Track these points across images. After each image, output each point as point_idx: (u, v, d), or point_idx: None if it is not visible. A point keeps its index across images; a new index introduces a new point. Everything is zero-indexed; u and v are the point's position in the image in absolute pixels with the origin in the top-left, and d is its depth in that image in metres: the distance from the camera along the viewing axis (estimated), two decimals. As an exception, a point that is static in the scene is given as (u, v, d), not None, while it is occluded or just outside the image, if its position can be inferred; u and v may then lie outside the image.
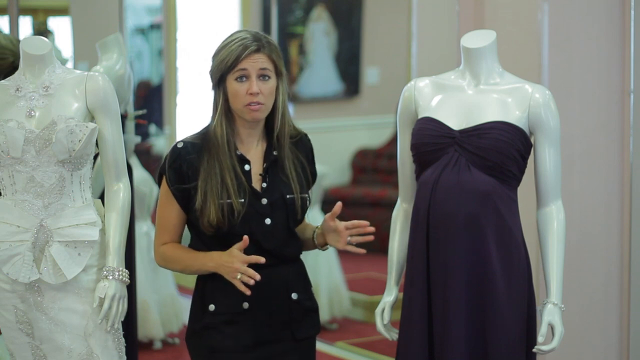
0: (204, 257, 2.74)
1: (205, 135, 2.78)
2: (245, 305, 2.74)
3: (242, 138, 2.79)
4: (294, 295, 2.78)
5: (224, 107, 2.76)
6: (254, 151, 2.80)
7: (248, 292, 2.66)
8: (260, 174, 2.77)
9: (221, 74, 2.74)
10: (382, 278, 3.18)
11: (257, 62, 2.71)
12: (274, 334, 2.77)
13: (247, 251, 2.71)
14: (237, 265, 2.66)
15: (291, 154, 2.81)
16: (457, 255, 2.68)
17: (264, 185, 2.77)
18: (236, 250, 2.68)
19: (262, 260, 2.67)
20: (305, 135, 2.88)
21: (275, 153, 2.79)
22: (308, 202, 2.83)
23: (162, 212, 2.81)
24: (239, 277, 2.66)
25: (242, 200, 2.72)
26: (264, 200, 2.75)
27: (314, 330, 2.87)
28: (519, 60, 3.81)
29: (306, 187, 2.83)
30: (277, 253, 2.77)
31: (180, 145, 2.77)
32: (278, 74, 2.77)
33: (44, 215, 2.77)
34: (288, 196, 2.77)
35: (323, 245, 2.84)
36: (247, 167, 2.77)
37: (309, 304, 2.84)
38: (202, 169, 2.73)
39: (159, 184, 2.83)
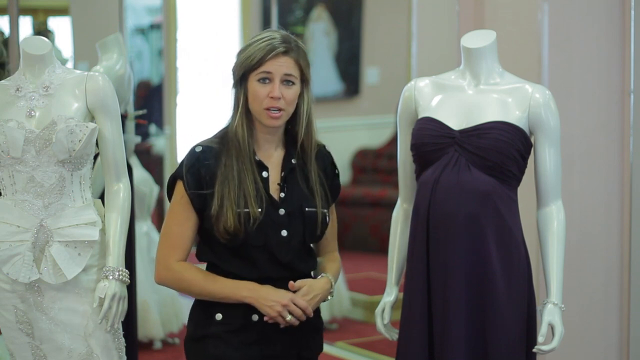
0: (235, 285, 2.63)
1: (223, 139, 2.68)
2: (255, 317, 2.65)
3: (259, 143, 2.69)
4: None
5: (245, 108, 2.66)
6: (272, 158, 2.70)
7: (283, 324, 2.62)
8: (278, 183, 2.68)
9: (244, 72, 2.64)
10: (382, 278, 3.18)
11: (283, 66, 2.62)
12: (281, 350, 2.68)
13: (260, 262, 2.64)
14: (286, 301, 2.60)
15: (315, 164, 2.73)
16: (457, 255, 2.68)
17: (282, 195, 2.67)
18: (284, 291, 2.63)
19: (310, 312, 2.64)
20: (324, 147, 2.79)
21: (293, 161, 2.70)
22: (327, 218, 2.72)
23: (176, 221, 2.67)
24: (289, 318, 2.61)
25: (260, 209, 2.62)
26: (282, 211, 2.65)
27: (318, 349, 2.79)
28: (519, 60, 3.81)
29: (325, 201, 2.72)
30: (291, 267, 2.67)
31: (198, 150, 2.66)
32: (303, 81, 2.68)
33: (44, 215, 2.77)
34: (307, 209, 2.67)
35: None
36: (265, 174, 2.67)
37: (316, 322, 2.76)
38: (220, 173, 2.62)
39: (171, 190, 2.70)
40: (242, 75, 2.65)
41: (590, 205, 3.96)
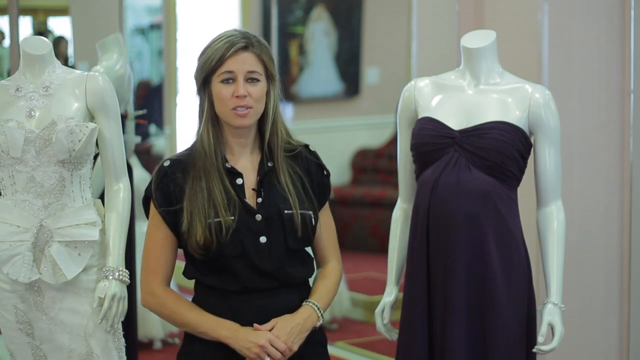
0: (217, 322, 2.51)
1: (192, 151, 2.57)
2: None
3: (232, 149, 2.57)
4: None
5: (210, 113, 2.54)
6: (247, 163, 2.57)
7: None
8: (253, 188, 2.55)
9: (205, 75, 2.52)
10: (382, 278, 3.17)
11: (245, 64, 2.49)
12: None
13: (241, 272, 2.51)
14: (262, 342, 2.47)
15: (288, 167, 2.58)
16: (457, 255, 2.68)
17: (259, 200, 2.53)
18: (263, 332, 2.50)
19: (288, 354, 2.49)
20: (306, 146, 2.65)
21: (270, 164, 2.56)
22: (312, 220, 2.57)
23: (153, 243, 2.58)
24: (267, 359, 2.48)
25: (233, 217, 2.49)
26: (259, 217, 2.51)
27: None
28: (519, 60, 3.81)
29: (309, 202, 2.58)
30: (277, 275, 2.54)
31: (166, 164, 2.56)
32: (269, 77, 2.54)
33: (44, 215, 2.77)
34: (286, 212, 2.52)
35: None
36: (239, 180, 2.54)
37: (316, 337, 2.60)
38: (188, 187, 2.51)
39: (147, 210, 2.61)
40: (204, 80, 2.53)
41: (590, 205, 3.96)
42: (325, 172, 2.67)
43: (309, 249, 2.66)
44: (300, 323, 2.54)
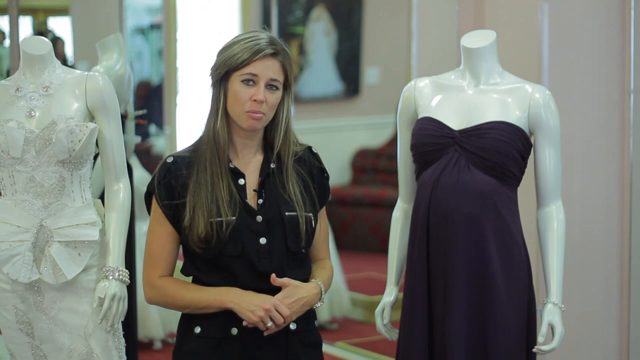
0: (218, 292, 2.50)
1: (196, 147, 2.58)
2: (234, 331, 2.52)
3: (236, 149, 2.59)
4: (292, 326, 2.55)
5: (224, 107, 2.55)
6: (250, 164, 2.59)
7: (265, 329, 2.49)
8: (254, 190, 2.56)
9: (227, 70, 2.52)
10: (382, 278, 3.18)
11: (269, 70, 2.50)
12: None
13: (240, 273, 2.52)
14: (268, 306, 2.46)
15: (293, 171, 2.59)
16: (457, 255, 2.68)
17: (260, 201, 2.55)
18: (268, 296, 2.49)
19: (289, 320, 2.50)
20: (309, 148, 2.67)
21: (272, 166, 2.57)
22: (312, 222, 2.58)
23: (154, 237, 2.59)
24: (269, 324, 2.47)
25: (234, 217, 2.50)
26: (259, 218, 2.53)
27: None
28: (519, 60, 3.81)
29: (310, 204, 2.59)
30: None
31: (169, 160, 2.57)
32: (285, 87, 2.56)
33: (44, 215, 2.77)
34: (287, 213, 2.54)
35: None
36: (241, 181, 2.56)
37: (311, 338, 2.61)
38: (191, 182, 2.53)
39: (149, 205, 2.62)
40: (224, 75, 2.53)
41: (590, 205, 3.96)
42: (325, 175, 2.68)
43: None
44: (307, 297, 2.54)
